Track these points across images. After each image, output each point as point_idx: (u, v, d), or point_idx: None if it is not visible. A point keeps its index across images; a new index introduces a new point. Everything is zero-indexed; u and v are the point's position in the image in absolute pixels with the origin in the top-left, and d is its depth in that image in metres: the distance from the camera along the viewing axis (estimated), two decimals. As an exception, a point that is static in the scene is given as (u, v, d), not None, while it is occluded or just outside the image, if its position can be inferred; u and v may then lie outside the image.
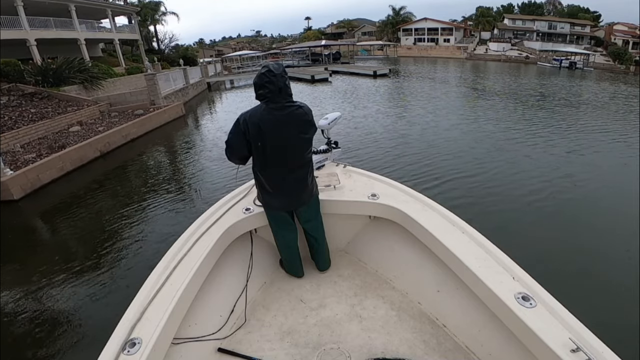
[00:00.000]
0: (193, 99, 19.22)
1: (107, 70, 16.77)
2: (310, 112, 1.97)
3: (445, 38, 53.35)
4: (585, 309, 1.70)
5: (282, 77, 1.84)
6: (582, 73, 30.66)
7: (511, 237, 4.12)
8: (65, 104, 11.80)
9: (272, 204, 2.06)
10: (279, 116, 1.84)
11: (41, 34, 17.85)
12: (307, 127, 1.94)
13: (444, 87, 18.98)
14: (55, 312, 3.47)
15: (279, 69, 1.85)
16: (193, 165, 7.93)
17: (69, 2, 19.65)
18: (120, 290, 3.68)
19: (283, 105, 1.86)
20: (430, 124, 10.20)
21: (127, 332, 1.34)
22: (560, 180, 5.90)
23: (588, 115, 11.33)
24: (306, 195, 2.05)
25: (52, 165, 7.19)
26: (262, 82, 1.83)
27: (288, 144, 1.89)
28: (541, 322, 1.28)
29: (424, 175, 6.21)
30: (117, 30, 25.79)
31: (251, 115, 1.86)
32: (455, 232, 1.83)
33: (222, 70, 34.08)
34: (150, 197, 6.17)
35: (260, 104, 1.90)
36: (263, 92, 1.85)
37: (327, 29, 76.59)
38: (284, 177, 1.96)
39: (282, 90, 1.84)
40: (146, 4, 35.00)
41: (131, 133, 10.09)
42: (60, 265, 4.20)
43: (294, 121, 1.88)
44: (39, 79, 12.73)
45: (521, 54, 44.90)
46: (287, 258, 2.26)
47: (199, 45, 74.18)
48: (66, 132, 9.89)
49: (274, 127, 1.84)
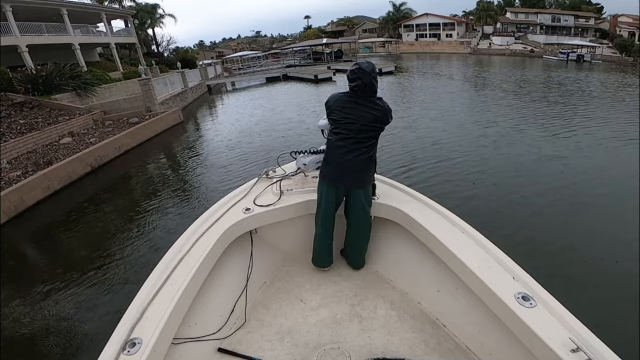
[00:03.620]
0: (192, 103, 18.55)
1: (101, 76, 16.11)
2: (388, 107, 2.08)
3: (448, 33, 52.55)
4: (585, 309, 1.68)
5: (370, 75, 2.01)
6: (591, 66, 29.93)
7: (511, 237, 4.09)
8: (56, 114, 11.13)
9: (326, 175, 2.11)
10: (356, 101, 2.04)
11: (32, 40, 17.24)
12: (379, 117, 2.04)
13: (458, 85, 18.24)
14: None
15: (368, 67, 2.02)
16: (191, 181, 7.25)
17: (60, 6, 19.03)
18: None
19: (365, 98, 2.03)
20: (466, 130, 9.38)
21: (127, 332, 1.33)
22: (561, 179, 5.79)
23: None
24: (358, 179, 2.08)
25: (37, 184, 6.52)
26: (352, 77, 2.03)
27: (358, 124, 2.01)
28: (541, 322, 1.28)
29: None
30: (113, 34, 25.19)
31: (334, 97, 2.11)
32: (455, 232, 1.82)
33: (223, 72, 33.42)
34: (143, 219, 5.49)
35: (348, 90, 2.09)
36: (351, 84, 2.05)
37: (327, 27, 75.79)
38: (346, 149, 2.03)
39: (367, 87, 2.02)
40: (142, 7, 34.45)
41: (124, 144, 9.37)
42: (40, 302, 3.55)
43: (370, 109, 2.03)
44: (29, 87, 12.07)
45: (526, 48, 44.06)
46: (318, 243, 2.22)
47: (199, 47, 73.77)
48: (56, 144, 9.21)
49: (350, 109, 2.03)
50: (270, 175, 2.56)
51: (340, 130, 2.05)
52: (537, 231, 4.32)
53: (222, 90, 24.83)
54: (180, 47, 43.33)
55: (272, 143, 9.01)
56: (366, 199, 2.13)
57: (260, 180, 2.52)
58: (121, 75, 20.20)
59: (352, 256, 2.31)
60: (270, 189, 2.41)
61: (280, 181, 2.43)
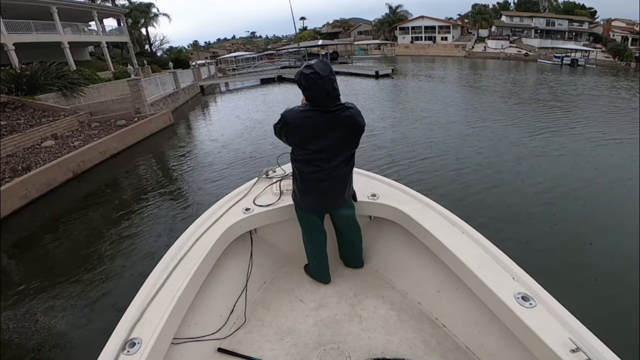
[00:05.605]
0: (185, 105, 18.12)
1: (90, 76, 15.62)
2: (359, 114, 1.78)
3: (443, 36, 52.67)
4: (585, 309, 1.69)
5: (330, 79, 1.65)
6: (585, 70, 30.08)
7: (511, 236, 4.10)
8: (40, 115, 10.68)
9: (304, 205, 1.99)
10: (321, 120, 1.70)
11: (20, 38, 16.74)
12: (353, 130, 1.77)
13: (459, 89, 18.06)
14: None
15: (325, 69, 1.64)
16: (180, 190, 6.88)
17: (50, 4, 18.50)
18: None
19: (329, 109, 1.69)
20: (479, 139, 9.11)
21: (127, 332, 1.32)
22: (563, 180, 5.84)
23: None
24: (340, 200, 1.97)
25: (14, 192, 6.10)
26: (307, 85, 1.66)
27: (329, 147, 1.76)
28: (541, 322, 1.27)
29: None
30: (105, 33, 24.67)
31: (292, 117, 1.74)
32: (455, 232, 1.81)
33: (217, 73, 32.97)
34: (124, 232, 5.12)
35: (303, 104, 1.76)
36: (308, 94, 1.71)
37: (323, 28, 75.71)
38: (320, 179, 1.85)
39: (329, 94, 1.66)
40: (137, 5, 33.93)
41: (110, 148, 8.94)
42: None
43: (340, 124, 1.73)
44: (12, 86, 11.59)
45: (520, 52, 44.23)
46: (316, 262, 2.16)
47: (194, 47, 73.17)
48: (38, 147, 8.77)
49: (316, 132, 1.72)
50: (270, 175, 2.54)
51: (309, 158, 1.79)
52: (537, 231, 4.37)
53: (216, 91, 24.40)
54: (174, 47, 42.69)
55: (267, 147, 8.64)
56: (351, 207, 2.07)
57: (260, 180, 2.51)
58: (112, 75, 19.71)
59: (350, 259, 2.28)
60: (270, 189, 2.39)
61: (280, 181, 2.41)
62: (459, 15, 60.86)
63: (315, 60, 1.74)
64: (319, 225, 2.06)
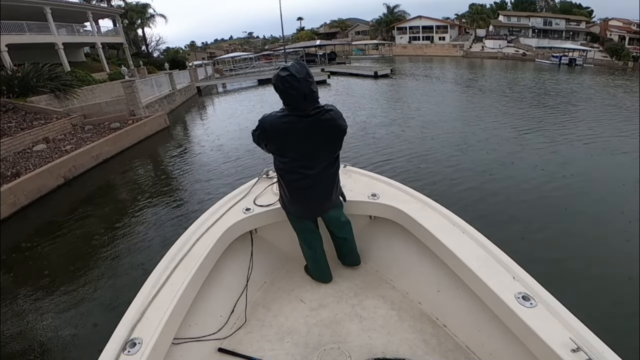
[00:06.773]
0: (181, 106, 17.87)
1: (84, 77, 15.35)
2: (340, 116, 1.75)
3: (441, 36, 52.64)
4: (585, 309, 1.66)
5: (307, 82, 1.60)
6: (583, 70, 30.09)
7: (511, 236, 4.09)
8: (31, 117, 10.42)
9: (294, 212, 1.97)
10: (301, 125, 1.66)
11: (12, 39, 16.46)
12: (335, 134, 1.74)
13: (459, 89, 17.90)
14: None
15: (302, 71, 1.60)
16: (175, 196, 6.67)
17: (44, 4, 18.23)
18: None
19: (308, 113, 1.65)
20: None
21: (127, 332, 1.32)
22: (562, 179, 5.83)
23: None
24: (328, 204, 1.95)
25: (2, 200, 5.86)
26: (283, 88, 1.61)
27: (311, 152, 1.73)
28: (541, 322, 1.26)
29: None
30: (100, 34, 24.39)
31: (271, 124, 1.69)
32: (455, 232, 1.80)
33: (214, 74, 32.70)
34: (121, 243, 4.91)
35: (281, 109, 1.71)
36: (285, 98, 1.65)
37: (320, 29, 75.53)
38: (305, 186, 1.82)
39: (307, 97, 1.63)
40: (132, 6, 33.58)
41: (103, 152, 8.70)
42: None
43: (321, 128, 1.68)
44: (3, 88, 11.32)
45: (518, 51, 44.25)
46: (314, 264, 2.16)
47: (191, 47, 72.87)
48: (29, 151, 8.52)
49: (297, 137, 1.68)
50: (270, 175, 2.51)
51: (291, 166, 1.77)
52: (537, 230, 4.35)
53: (213, 92, 24.14)
54: (170, 48, 42.37)
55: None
56: (339, 207, 2.05)
57: (260, 180, 2.49)
58: (107, 76, 19.44)
59: (346, 257, 2.26)
60: (270, 189, 2.37)
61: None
62: (457, 15, 60.83)
63: (292, 62, 1.69)
64: (313, 228, 2.05)
